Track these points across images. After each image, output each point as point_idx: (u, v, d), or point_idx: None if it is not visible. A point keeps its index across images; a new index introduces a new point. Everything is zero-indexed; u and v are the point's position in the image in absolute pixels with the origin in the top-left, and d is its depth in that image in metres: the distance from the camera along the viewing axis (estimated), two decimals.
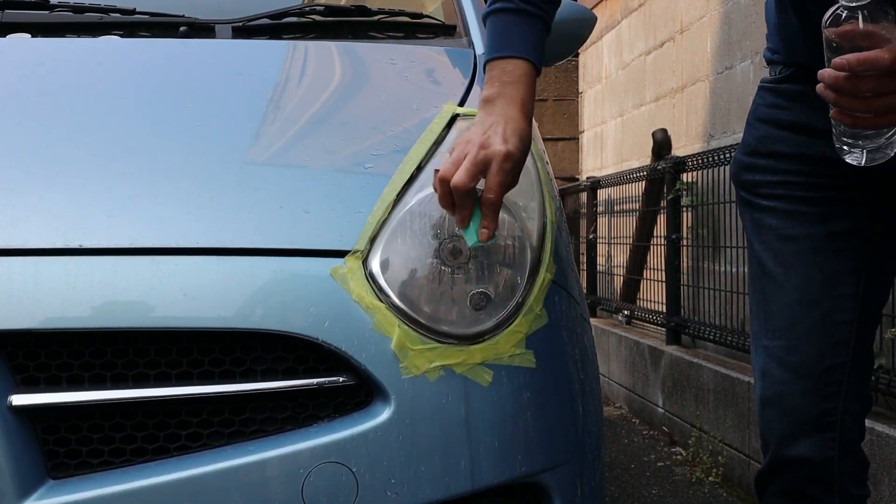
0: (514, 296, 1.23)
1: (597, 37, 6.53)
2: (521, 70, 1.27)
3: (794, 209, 1.35)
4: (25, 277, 1.12)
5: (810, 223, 1.34)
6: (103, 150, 1.29)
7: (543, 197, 1.34)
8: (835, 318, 1.34)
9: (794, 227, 1.35)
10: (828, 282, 1.33)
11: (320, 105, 1.51)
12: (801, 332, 1.34)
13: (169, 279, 1.13)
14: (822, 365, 1.34)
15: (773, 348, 1.37)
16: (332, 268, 1.17)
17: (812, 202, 1.34)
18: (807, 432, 1.34)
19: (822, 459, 1.35)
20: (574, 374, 1.29)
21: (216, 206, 1.21)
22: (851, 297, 1.34)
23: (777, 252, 1.37)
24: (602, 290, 5.72)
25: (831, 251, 1.33)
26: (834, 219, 1.33)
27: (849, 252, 1.34)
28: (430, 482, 1.15)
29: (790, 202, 1.36)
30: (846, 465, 1.36)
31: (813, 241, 1.34)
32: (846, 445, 1.36)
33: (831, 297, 1.33)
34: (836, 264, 1.34)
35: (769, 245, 1.38)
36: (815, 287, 1.34)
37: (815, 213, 1.34)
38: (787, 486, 1.39)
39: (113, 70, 1.57)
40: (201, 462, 1.12)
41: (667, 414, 4.09)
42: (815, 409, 1.34)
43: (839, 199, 1.33)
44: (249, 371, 1.15)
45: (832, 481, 1.36)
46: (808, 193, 1.34)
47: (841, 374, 1.34)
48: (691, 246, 4.24)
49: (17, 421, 1.09)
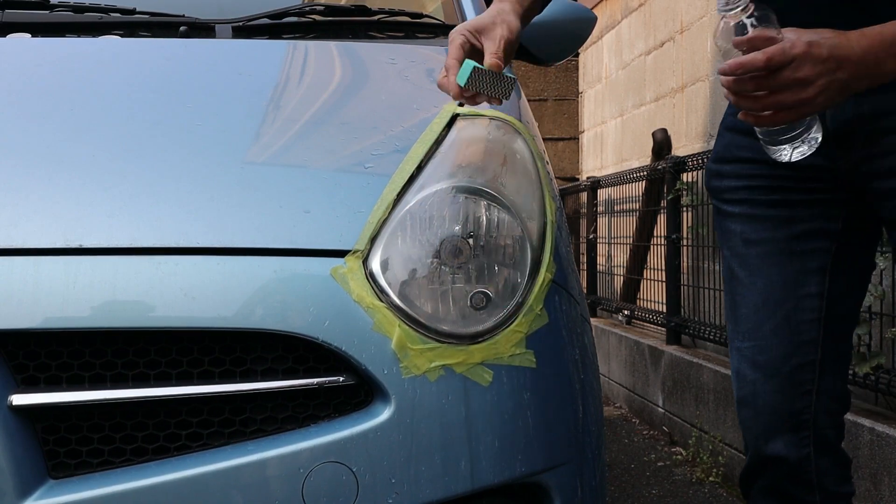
0: (514, 296, 1.23)
1: (597, 36, 6.53)
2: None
3: (757, 213, 1.39)
4: (25, 277, 1.12)
5: (773, 227, 1.38)
6: (103, 149, 1.29)
7: (543, 197, 1.34)
8: (799, 317, 1.37)
9: (757, 231, 1.39)
10: (791, 283, 1.37)
11: (320, 105, 1.51)
12: (767, 332, 1.38)
13: (169, 279, 1.13)
14: (790, 364, 1.37)
15: (744, 349, 1.41)
16: (332, 268, 1.17)
17: (774, 205, 1.38)
18: (781, 431, 1.38)
19: (798, 458, 1.38)
20: (574, 373, 1.29)
21: (216, 206, 1.21)
22: (816, 296, 1.37)
23: (742, 256, 1.41)
24: (602, 290, 5.73)
25: (795, 253, 1.37)
26: (797, 221, 1.37)
27: (812, 252, 1.37)
28: (431, 482, 1.15)
29: (753, 206, 1.39)
30: (824, 462, 1.39)
31: (776, 244, 1.37)
32: (822, 443, 1.39)
33: (795, 297, 1.37)
34: (800, 265, 1.37)
35: (735, 250, 1.42)
36: (778, 288, 1.37)
37: (778, 217, 1.37)
38: (769, 485, 1.42)
39: (113, 70, 1.57)
40: (201, 462, 1.12)
41: (667, 414, 4.09)
42: (786, 407, 1.38)
43: (802, 202, 1.36)
44: (249, 371, 1.15)
45: (811, 479, 1.39)
46: (770, 197, 1.38)
47: (810, 373, 1.38)
48: (691, 246, 4.24)
49: (17, 421, 1.09)
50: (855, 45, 1.14)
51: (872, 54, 1.14)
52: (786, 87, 1.12)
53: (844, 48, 1.13)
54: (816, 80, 1.12)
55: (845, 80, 1.13)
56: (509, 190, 1.27)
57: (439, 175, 1.27)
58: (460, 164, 1.30)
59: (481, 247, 1.23)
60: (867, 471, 2.51)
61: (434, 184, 1.25)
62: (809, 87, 1.12)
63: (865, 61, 1.14)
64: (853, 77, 1.14)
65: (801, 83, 1.12)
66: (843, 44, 1.13)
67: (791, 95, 1.13)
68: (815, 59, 1.12)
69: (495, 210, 1.24)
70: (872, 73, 1.15)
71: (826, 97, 1.13)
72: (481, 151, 1.34)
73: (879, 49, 1.14)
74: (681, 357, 3.94)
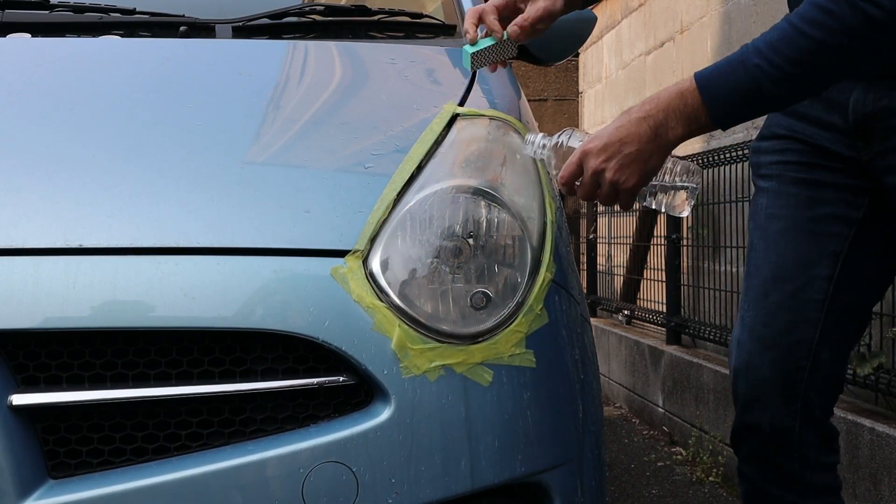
0: (514, 295, 1.23)
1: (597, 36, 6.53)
2: None
3: (785, 190, 1.44)
4: (25, 277, 1.12)
5: (796, 205, 1.43)
6: (103, 149, 1.29)
7: (543, 197, 1.34)
8: (806, 295, 1.41)
9: (782, 207, 1.44)
10: (804, 261, 1.41)
11: (320, 105, 1.51)
12: (772, 304, 1.43)
13: (169, 279, 1.13)
14: (789, 338, 1.42)
15: (747, 319, 1.46)
16: (332, 267, 1.17)
17: (801, 183, 1.42)
18: (769, 400, 1.43)
19: (782, 427, 1.43)
20: (574, 373, 1.29)
21: (216, 206, 1.21)
22: (825, 278, 1.41)
23: (764, 230, 1.46)
24: (602, 290, 5.73)
25: (813, 233, 1.41)
26: (820, 203, 1.41)
27: (831, 236, 1.41)
28: (431, 482, 1.15)
29: (781, 182, 1.45)
30: (808, 434, 1.44)
31: (796, 222, 1.42)
32: (809, 418, 1.44)
33: (805, 275, 1.41)
34: (816, 246, 1.41)
35: (758, 223, 1.48)
36: (790, 264, 1.42)
37: (803, 196, 1.42)
38: (752, 450, 1.49)
39: (113, 70, 1.57)
40: (201, 462, 1.12)
41: (667, 414, 4.10)
42: (779, 379, 1.42)
43: (829, 184, 1.40)
44: (249, 371, 1.15)
45: (793, 448, 1.44)
46: (800, 175, 1.43)
47: (806, 350, 1.42)
48: (691, 246, 4.24)
49: (17, 421, 1.09)
50: (633, 118, 1.23)
51: (651, 119, 1.22)
52: (592, 185, 1.25)
53: (620, 128, 1.23)
54: (607, 165, 1.23)
55: (635, 153, 1.23)
56: (509, 190, 1.27)
57: (439, 175, 1.27)
58: (460, 164, 1.30)
59: (481, 247, 1.23)
60: (867, 471, 2.51)
61: (434, 184, 1.25)
62: (605, 173, 1.23)
63: (644, 129, 1.22)
64: (641, 146, 1.22)
65: (597, 174, 1.24)
66: (619, 124, 1.23)
67: (603, 189, 1.25)
68: (594, 151, 1.24)
69: (495, 210, 1.24)
70: (659, 136, 1.23)
71: (628, 173, 1.23)
72: (481, 151, 1.34)
73: (657, 112, 1.23)
74: (681, 357, 3.94)
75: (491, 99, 1.51)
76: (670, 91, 1.23)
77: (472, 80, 1.55)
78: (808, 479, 1.46)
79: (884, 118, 1.32)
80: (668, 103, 1.22)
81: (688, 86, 1.22)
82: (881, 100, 1.32)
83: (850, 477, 2.58)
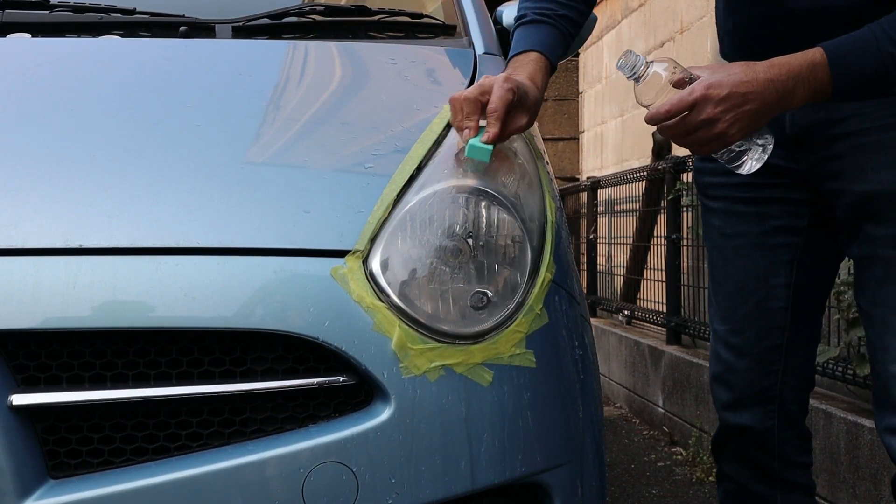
0: (514, 295, 1.23)
1: (597, 36, 6.53)
2: (530, 57, 1.43)
3: (734, 209, 1.53)
4: (25, 277, 1.12)
5: (747, 222, 1.52)
6: (103, 149, 1.29)
7: (543, 197, 1.34)
8: (769, 304, 1.52)
9: (734, 225, 1.53)
10: (762, 274, 1.51)
11: (320, 105, 1.51)
12: (740, 317, 1.54)
13: (169, 279, 1.13)
14: (760, 346, 1.53)
15: (720, 331, 1.58)
16: (332, 268, 1.17)
17: (749, 202, 1.51)
18: (749, 404, 1.54)
19: (763, 428, 1.54)
20: (574, 374, 1.29)
21: (216, 206, 1.21)
22: (784, 286, 1.51)
23: (720, 248, 1.56)
24: (602, 290, 5.73)
25: (766, 246, 1.51)
26: (769, 217, 1.50)
27: (783, 246, 1.51)
28: (431, 482, 1.15)
29: (730, 202, 1.54)
30: (786, 433, 1.55)
31: (750, 238, 1.52)
32: (786, 416, 1.55)
33: (766, 287, 1.51)
34: (771, 258, 1.51)
35: (714, 242, 1.58)
36: (751, 278, 1.52)
37: (752, 213, 1.51)
38: (735, 451, 1.59)
39: (113, 70, 1.57)
40: (201, 462, 1.12)
41: (667, 414, 4.10)
42: (755, 384, 1.54)
43: (774, 199, 1.50)
44: (249, 371, 1.15)
45: (773, 447, 1.55)
46: (746, 194, 1.51)
47: (778, 354, 1.53)
48: (691, 246, 4.24)
49: (17, 421, 1.09)
50: (761, 77, 1.23)
51: (779, 84, 1.24)
52: (696, 128, 1.24)
53: (748, 83, 1.23)
54: (723, 116, 1.23)
55: (753, 111, 1.24)
56: (509, 190, 1.27)
57: (439, 175, 1.27)
58: (460, 164, 1.30)
59: (481, 247, 1.23)
60: (867, 471, 2.51)
61: (434, 184, 1.25)
62: (718, 123, 1.23)
63: (771, 92, 1.23)
64: (762, 106, 1.24)
65: (708, 122, 1.23)
66: (746, 78, 1.23)
67: (704, 133, 1.24)
68: (715, 99, 1.22)
69: (495, 210, 1.24)
70: (783, 101, 1.25)
71: (739, 128, 1.24)
72: None
73: (787, 79, 1.24)
74: (681, 357, 3.94)
75: None
76: (799, 60, 1.24)
77: (472, 81, 1.55)
78: (786, 476, 1.57)
79: (822, 128, 1.40)
80: (799, 72, 1.24)
81: (819, 59, 1.24)
82: (818, 112, 1.39)
83: (850, 477, 2.58)
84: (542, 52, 1.43)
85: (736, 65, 1.26)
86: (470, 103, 1.28)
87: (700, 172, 1.60)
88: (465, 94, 1.29)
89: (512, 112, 1.30)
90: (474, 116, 1.28)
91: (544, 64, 1.43)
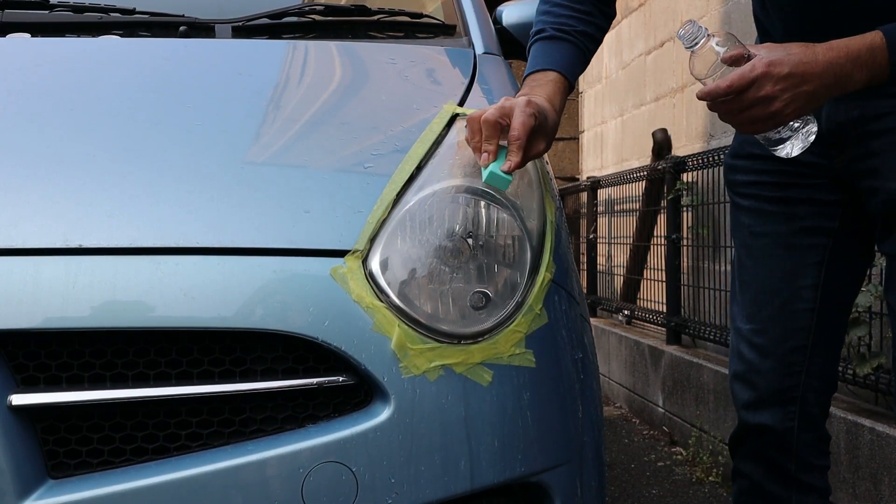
0: (513, 295, 1.23)
1: None
2: (549, 77, 1.42)
3: (764, 208, 1.52)
4: (25, 277, 1.12)
5: (777, 221, 1.50)
6: (103, 149, 1.29)
7: (543, 197, 1.34)
8: (795, 306, 1.50)
9: (763, 224, 1.52)
10: (790, 274, 1.50)
11: (320, 105, 1.51)
12: (765, 317, 1.52)
13: (169, 279, 1.13)
14: (784, 346, 1.51)
15: (744, 331, 1.56)
16: (331, 268, 1.17)
17: (779, 201, 1.50)
18: (770, 404, 1.53)
19: (783, 428, 1.53)
20: (574, 373, 1.29)
21: (216, 206, 1.21)
22: (811, 287, 1.50)
23: (749, 247, 1.55)
24: (602, 290, 5.73)
25: (795, 247, 1.50)
26: (799, 217, 1.49)
27: (811, 248, 1.49)
28: (430, 482, 1.15)
29: (760, 201, 1.52)
30: (805, 435, 1.54)
31: (778, 238, 1.51)
32: (806, 418, 1.54)
33: (792, 287, 1.50)
34: (799, 259, 1.50)
35: (743, 241, 1.57)
36: (777, 278, 1.51)
37: (782, 212, 1.50)
38: (753, 450, 1.58)
39: (113, 70, 1.57)
40: (201, 462, 1.12)
41: (667, 414, 4.10)
42: (777, 384, 1.52)
43: (804, 199, 1.48)
44: (249, 371, 1.15)
45: (791, 448, 1.54)
46: (776, 193, 1.50)
47: (802, 356, 1.51)
48: (691, 246, 4.24)
49: (17, 421, 1.09)
50: (820, 59, 1.22)
51: (838, 66, 1.23)
52: (752, 104, 1.22)
53: (807, 63, 1.22)
54: (781, 95, 1.22)
55: (811, 92, 1.23)
56: (509, 190, 1.27)
57: (439, 175, 1.27)
58: (460, 164, 1.30)
59: (481, 247, 1.23)
60: (867, 471, 2.51)
61: (434, 184, 1.25)
62: (775, 102, 1.22)
63: (830, 74, 1.22)
64: (820, 87, 1.23)
65: (765, 100, 1.22)
66: (806, 59, 1.22)
67: (760, 111, 1.23)
68: (775, 77, 1.21)
69: (495, 210, 1.24)
70: (840, 83, 1.24)
71: (794, 108, 1.23)
72: None
73: (845, 61, 1.23)
74: (681, 357, 3.94)
75: (491, 99, 1.51)
76: (858, 43, 1.23)
77: (472, 81, 1.55)
78: (802, 478, 1.55)
79: (857, 126, 1.38)
80: (858, 55, 1.23)
81: (879, 42, 1.23)
82: (853, 110, 1.37)
83: (850, 477, 2.58)
84: (561, 73, 1.42)
85: (795, 45, 1.24)
86: (489, 126, 1.25)
87: (731, 170, 1.58)
88: (485, 115, 1.26)
89: (531, 137, 1.28)
90: (493, 140, 1.25)
91: (563, 85, 1.42)
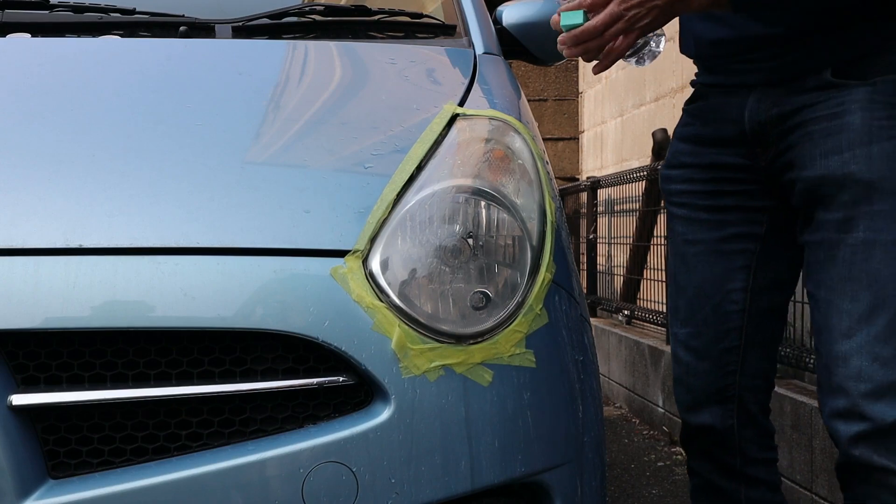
0: (514, 295, 1.23)
1: None
2: None
3: (696, 216, 1.60)
4: (25, 277, 1.12)
5: (708, 229, 1.59)
6: (104, 149, 1.29)
7: (543, 197, 1.34)
8: (726, 308, 1.58)
9: (694, 232, 1.61)
10: (720, 279, 1.59)
11: (320, 105, 1.51)
12: (699, 321, 1.61)
13: (169, 279, 1.13)
14: (718, 347, 1.59)
15: (680, 335, 1.65)
16: (332, 268, 1.17)
17: (709, 210, 1.59)
18: (708, 404, 1.61)
19: (723, 427, 1.61)
20: (574, 373, 1.30)
21: (216, 206, 1.21)
22: (741, 290, 1.58)
23: (682, 255, 1.63)
24: (602, 290, 5.73)
25: (724, 252, 1.58)
26: (727, 225, 1.58)
27: (739, 252, 1.58)
28: (431, 482, 1.15)
29: (692, 210, 1.61)
30: (746, 431, 1.61)
31: (708, 245, 1.59)
32: (746, 415, 1.61)
33: (723, 291, 1.58)
34: (728, 263, 1.58)
35: (676, 249, 1.65)
36: (709, 283, 1.59)
37: (711, 220, 1.59)
38: (700, 448, 1.67)
39: (113, 70, 1.57)
40: (201, 462, 1.12)
41: (667, 414, 4.10)
42: (714, 384, 1.60)
43: (732, 207, 1.57)
44: (249, 371, 1.15)
45: (734, 445, 1.61)
46: (707, 202, 1.59)
47: (735, 356, 1.59)
48: None
49: (17, 421, 1.09)
50: None
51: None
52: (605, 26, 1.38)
53: None
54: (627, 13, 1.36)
55: (662, 6, 1.36)
56: (509, 190, 1.27)
57: (439, 175, 1.27)
58: (460, 164, 1.30)
59: (481, 247, 1.23)
60: None
61: (434, 184, 1.25)
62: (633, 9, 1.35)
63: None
64: (668, 3, 1.36)
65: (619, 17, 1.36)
66: None
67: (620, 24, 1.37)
68: None
69: (495, 210, 1.24)
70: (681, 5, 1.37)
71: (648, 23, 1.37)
72: (481, 152, 1.34)
73: None
74: None
75: (491, 99, 1.51)
76: None
77: (472, 81, 1.55)
78: (748, 472, 1.62)
79: (777, 123, 1.46)
80: None
81: None
82: (773, 108, 1.46)
83: None
84: None
85: None
86: None
87: (666, 180, 1.67)
88: None
89: None
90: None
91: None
